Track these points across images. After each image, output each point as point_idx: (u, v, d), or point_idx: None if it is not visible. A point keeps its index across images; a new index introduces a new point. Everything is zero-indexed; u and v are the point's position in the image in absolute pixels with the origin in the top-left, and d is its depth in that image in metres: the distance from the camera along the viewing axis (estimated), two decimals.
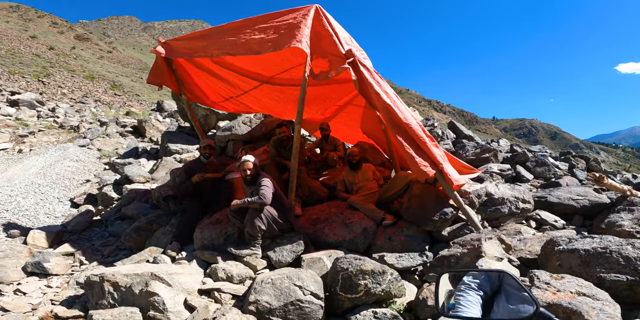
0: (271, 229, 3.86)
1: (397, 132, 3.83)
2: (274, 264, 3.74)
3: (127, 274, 3.07)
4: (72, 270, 4.15)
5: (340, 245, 4.08)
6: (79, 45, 75.11)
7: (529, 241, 3.97)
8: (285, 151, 5.74)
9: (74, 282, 3.75)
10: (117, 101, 32.18)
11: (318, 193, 5.24)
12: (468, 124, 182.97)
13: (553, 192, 5.34)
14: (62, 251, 4.54)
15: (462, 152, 7.52)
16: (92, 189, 7.35)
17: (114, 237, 5.22)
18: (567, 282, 2.68)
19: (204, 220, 4.42)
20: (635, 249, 2.96)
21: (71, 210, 6.59)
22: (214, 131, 8.93)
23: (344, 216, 4.40)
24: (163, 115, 16.54)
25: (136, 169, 7.33)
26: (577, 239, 3.33)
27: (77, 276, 3.87)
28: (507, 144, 10.61)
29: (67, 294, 3.55)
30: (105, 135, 11.80)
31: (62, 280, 3.91)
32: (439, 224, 4.07)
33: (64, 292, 3.59)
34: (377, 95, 3.79)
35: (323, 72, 3.77)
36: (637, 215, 4.39)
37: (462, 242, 3.56)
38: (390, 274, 3.05)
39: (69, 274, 4.06)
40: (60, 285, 3.80)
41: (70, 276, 3.98)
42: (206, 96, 6.30)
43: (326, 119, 7.15)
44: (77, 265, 4.30)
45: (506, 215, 4.79)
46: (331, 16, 3.98)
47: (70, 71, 39.74)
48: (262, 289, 2.95)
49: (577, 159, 9.11)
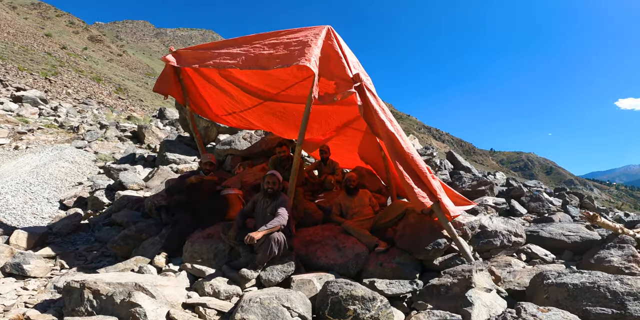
0: (278, 252, 3.83)
1: (398, 160, 3.86)
2: (263, 282, 3.69)
3: (109, 283, 3.00)
4: (51, 274, 4.06)
5: (332, 268, 4.04)
6: (91, 46, 76.20)
7: (518, 273, 4.01)
8: (284, 171, 5.74)
9: (52, 286, 3.66)
10: (120, 105, 32.33)
11: (313, 215, 5.21)
12: (466, 154, 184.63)
13: (545, 227, 5.38)
14: (44, 254, 4.43)
15: (458, 183, 7.57)
16: (84, 192, 7.25)
17: (100, 242, 5.10)
18: (553, 314, 2.72)
19: (195, 234, 4.37)
20: (623, 284, 3.04)
21: (59, 212, 6.47)
22: (213, 144, 8.96)
23: (337, 240, 4.38)
24: (164, 123, 16.59)
25: (131, 176, 7.28)
26: (567, 273, 3.38)
27: (55, 280, 3.78)
28: (504, 177, 10.69)
29: (43, 297, 3.45)
30: (104, 138, 11.78)
31: (40, 283, 3.82)
32: (431, 253, 4.06)
33: (40, 296, 3.50)
34: (381, 122, 3.85)
35: (328, 95, 3.82)
36: (627, 252, 4.47)
37: (453, 273, 3.56)
38: (380, 301, 3.02)
39: (48, 278, 3.96)
40: (37, 288, 3.70)
41: (48, 280, 3.88)
42: (210, 109, 6.35)
43: (326, 140, 7.20)
44: (58, 269, 4.20)
45: (498, 248, 4.81)
46: (342, 38, 4.07)
47: (78, 71, 40.09)
48: (249, 307, 2.90)
49: (571, 195, 9.16)
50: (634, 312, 2.86)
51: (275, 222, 3.77)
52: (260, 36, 4.20)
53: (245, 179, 5.83)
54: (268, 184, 4.08)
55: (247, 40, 4.25)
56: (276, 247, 3.75)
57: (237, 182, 5.74)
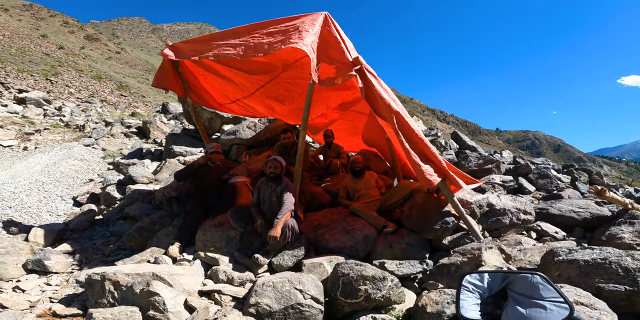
0: (290, 238, 3.92)
1: (405, 139, 3.86)
2: (275, 267, 3.76)
3: (128, 273, 3.08)
4: (72, 269, 4.15)
5: (341, 251, 4.10)
6: (88, 45, 75.96)
7: (528, 251, 3.99)
8: (289, 157, 5.76)
9: (74, 281, 3.75)
10: (122, 102, 32.44)
11: (320, 199, 5.26)
12: (471, 135, 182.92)
13: (554, 204, 5.34)
14: (63, 249, 4.54)
15: (464, 162, 7.54)
16: (96, 188, 7.38)
17: (116, 236, 5.21)
18: (566, 291, 2.69)
19: (206, 223, 4.44)
20: (635, 260, 2.99)
21: (74, 209, 6.60)
22: (218, 135, 8.99)
23: (345, 223, 4.42)
24: (168, 117, 16.63)
25: (140, 170, 7.36)
26: (577, 249, 3.35)
27: (76, 275, 3.87)
28: (510, 155, 10.61)
29: (66, 292, 3.54)
30: (110, 135, 11.88)
31: (62, 278, 3.91)
32: (440, 232, 4.08)
33: (63, 290, 3.59)
34: (384, 103, 3.83)
35: (330, 78, 3.80)
36: (637, 228, 4.40)
37: (463, 251, 3.57)
38: (390, 280, 3.06)
39: (69, 272, 4.06)
40: (59, 283, 3.79)
41: (70, 274, 3.98)
42: (213, 98, 6.34)
43: (328, 123, 7.18)
44: (77, 264, 4.30)
45: (507, 226, 4.80)
46: (339, 25, 4.03)
47: (78, 71, 40.13)
48: (263, 291, 2.97)
49: (580, 172, 9.10)
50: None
51: (285, 211, 3.86)
52: (258, 25, 4.15)
53: (251, 167, 5.87)
54: (270, 168, 4.15)
55: (246, 30, 4.20)
56: (290, 233, 3.84)
57: (243, 171, 5.78)
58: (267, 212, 4.12)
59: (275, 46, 3.72)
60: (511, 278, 1.80)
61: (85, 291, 3.19)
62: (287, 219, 3.84)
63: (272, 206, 4.06)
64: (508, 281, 1.73)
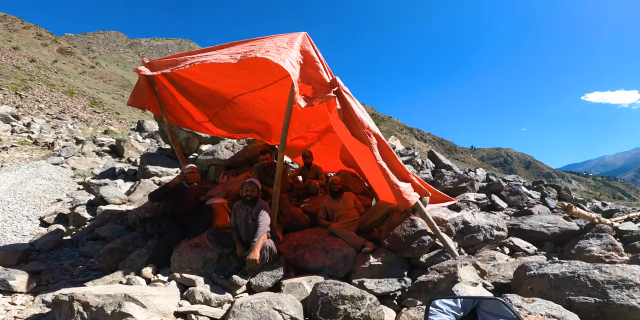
0: (268, 258, 3.89)
1: (384, 160, 3.93)
2: (254, 288, 3.70)
3: (98, 295, 2.98)
4: (38, 289, 4.03)
5: (321, 271, 4.09)
6: (61, 58, 74.08)
7: (502, 267, 4.10)
8: (268, 178, 5.75)
9: (40, 301, 3.65)
10: (95, 118, 31.57)
11: (299, 220, 5.25)
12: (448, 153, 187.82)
13: (525, 220, 5.54)
14: (29, 269, 4.39)
15: (440, 181, 7.73)
16: (64, 208, 7.11)
17: (85, 257, 5.06)
18: (538, 305, 2.78)
19: (182, 244, 4.35)
20: (602, 272, 3.09)
21: (40, 229, 6.37)
22: (195, 155, 8.87)
23: (324, 243, 4.42)
24: (143, 136, 16.32)
25: (112, 190, 7.15)
26: (547, 264, 3.46)
27: (43, 295, 3.76)
28: (484, 173, 10.97)
29: (32, 312, 3.45)
30: (81, 153, 11.51)
31: (27, 298, 3.80)
32: (417, 251, 4.15)
33: (29, 310, 3.49)
34: (362, 124, 3.91)
35: (307, 98, 3.85)
36: (605, 241, 4.62)
37: (439, 268, 3.64)
38: (369, 299, 3.07)
39: (35, 293, 3.94)
40: (25, 302, 3.68)
41: (36, 295, 3.86)
42: (190, 117, 6.29)
43: (308, 146, 7.24)
44: (44, 284, 4.18)
45: (481, 242, 4.94)
46: (316, 46, 4.13)
47: (49, 85, 38.96)
48: (241, 312, 2.92)
49: (549, 188, 9.47)
50: (616, 300, 2.87)
51: (261, 233, 3.85)
52: (237, 42, 4.18)
53: (229, 188, 5.82)
54: (247, 191, 4.14)
55: (224, 46, 4.22)
56: (268, 254, 3.82)
57: (221, 192, 5.71)
58: (244, 234, 4.09)
59: (248, 54, 3.64)
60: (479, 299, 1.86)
61: (53, 311, 3.10)
62: (264, 241, 3.82)
63: (249, 229, 4.04)
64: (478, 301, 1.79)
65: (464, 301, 1.81)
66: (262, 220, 3.93)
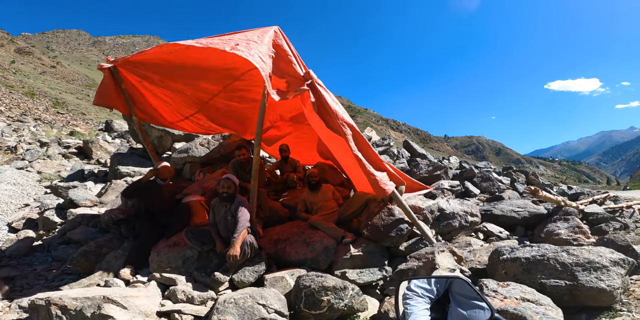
0: (249, 254, 3.86)
1: (360, 151, 3.96)
2: (236, 284, 3.68)
3: (76, 298, 2.90)
4: (12, 295, 3.89)
5: (303, 263, 4.11)
6: (19, 59, 70.18)
7: (477, 252, 4.21)
8: (245, 173, 5.69)
9: (16, 306, 3.52)
10: (59, 120, 30.16)
11: (279, 214, 5.24)
12: (422, 142, 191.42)
13: (497, 205, 5.74)
14: (1, 275, 4.25)
15: (416, 170, 7.89)
16: (32, 213, 6.81)
17: (58, 261, 4.90)
18: (512, 289, 2.83)
19: (160, 244, 4.27)
20: (570, 255, 3.15)
21: (9, 235, 6.09)
22: (169, 153, 8.64)
23: (305, 235, 4.44)
24: (112, 136, 15.72)
25: (82, 193, 6.88)
26: (519, 248, 3.53)
27: (19, 300, 3.64)
28: (457, 161, 11.26)
29: (10, 317, 3.34)
30: (46, 156, 10.98)
31: (3, 304, 3.66)
32: (395, 239, 4.23)
33: (6, 316, 3.38)
34: (336, 116, 3.93)
35: (281, 92, 3.82)
36: (572, 223, 4.81)
37: (418, 256, 3.72)
38: (351, 289, 3.12)
39: (10, 299, 3.80)
40: (1, 309, 3.56)
41: (11, 300, 3.72)
42: (162, 116, 6.11)
43: (282, 136, 7.19)
44: (19, 290, 4.04)
45: (457, 229, 5.09)
46: (289, 40, 4.10)
47: (8, 87, 36.84)
48: (225, 309, 2.89)
49: (518, 173, 9.86)
50: (586, 282, 2.91)
51: (240, 229, 3.82)
52: (207, 38, 4.09)
53: (206, 185, 5.72)
54: (223, 187, 4.09)
55: (195, 41, 4.10)
56: (249, 249, 3.80)
57: (198, 189, 5.61)
58: (223, 231, 4.05)
59: (217, 45, 3.55)
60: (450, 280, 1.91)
61: (31, 316, 3.02)
62: (244, 236, 3.80)
63: (228, 225, 4.00)
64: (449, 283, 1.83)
65: (437, 283, 1.85)
66: (241, 216, 3.91)
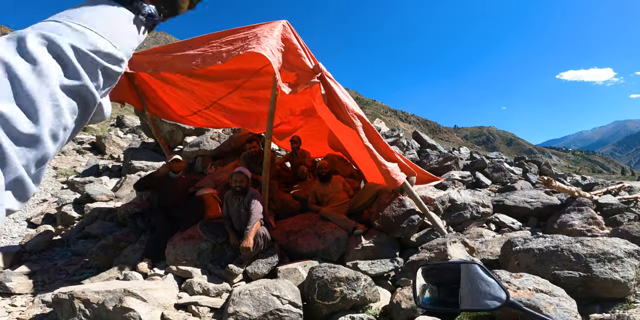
0: (263, 246, 3.94)
1: (371, 141, 3.99)
2: (250, 276, 3.76)
3: (98, 291, 3.01)
4: (35, 290, 4.03)
5: (315, 255, 4.16)
6: None
7: (490, 243, 4.21)
8: (256, 166, 5.75)
9: (40, 301, 3.65)
10: None
11: (290, 206, 5.30)
12: (432, 133, 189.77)
13: (509, 195, 5.69)
14: (24, 271, 4.37)
15: (426, 161, 7.85)
16: (50, 208, 6.99)
17: (78, 256, 5.03)
18: (526, 280, 2.83)
19: (176, 237, 4.36)
20: (584, 246, 3.13)
21: (29, 231, 6.26)
22: (180, 147, 8.76)
23: (316, 227, 4.49)
24: (124, 131, 15.94)
25: (98, 187, 7.04)
26: (532, 239, 3.53)
27: (42, 295, 3.77)
28: (468, 151, 11.17)
29: (34, 312, 3.46)
30: (61, 152, 11.22)
31: (27, 299, 3.80)
32: (407, 230, 4.25)
33: (30, 311, 3.49)
34: (347, 108, 3.95)
35: (291, 85, 3.85)
36: (586, 214, 4.74)
37: (430, 247, 3.75)
38: (364, 280, 3.16)
39: (33, 293, 3.94)
40: (25, 304, 3.69)
41: (34, 295, 3.87)
42: (173, 110, 6.19)
43: (293, 130, 7.22)
44: (41, 284, 4.16)
45: (468, 220, 5.08)
46: (298, 34, 4.10)
47: None
48: (240, 300, 2.97)
49: (530, 163, 9.75)
50: (600, 273, 2.88)
51: (254, 221, 3.89)
52: (216, 35, 4.11)
53: (218, 178, 5.80)
54: (236, 181, 4.15)
55: (203, 40, 4.14)
56: (262, 241, 3.88)
57: (210, 182, 5.70)
58: (237, 224, 4.13)
59: (233, 53, 3.66)
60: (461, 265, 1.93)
61: (54, 310, 3.12)
62: (257, 228, 3.87)
63: (242, 218, 4.08)
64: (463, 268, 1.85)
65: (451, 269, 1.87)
66: (254, 209, 3.97)
